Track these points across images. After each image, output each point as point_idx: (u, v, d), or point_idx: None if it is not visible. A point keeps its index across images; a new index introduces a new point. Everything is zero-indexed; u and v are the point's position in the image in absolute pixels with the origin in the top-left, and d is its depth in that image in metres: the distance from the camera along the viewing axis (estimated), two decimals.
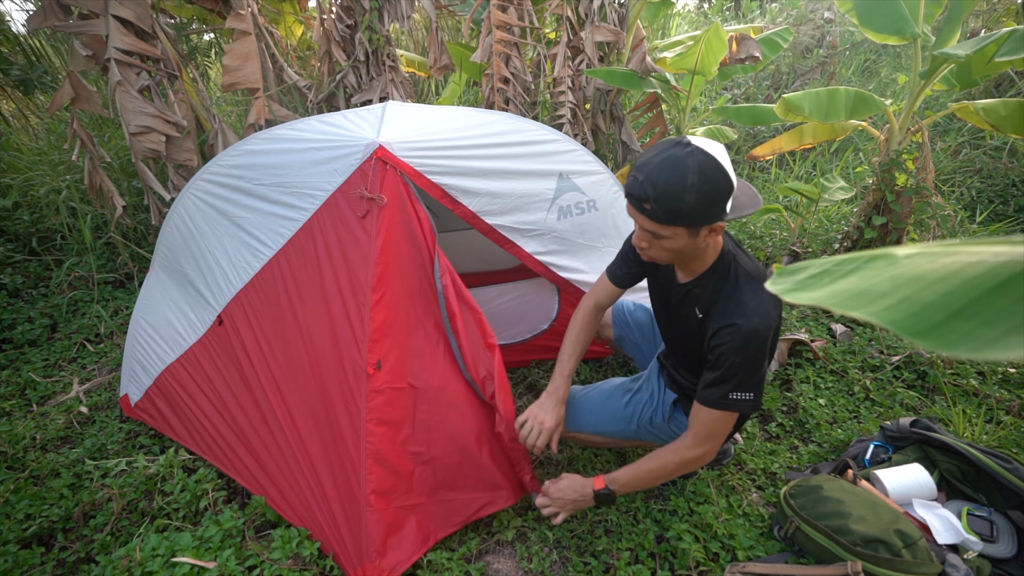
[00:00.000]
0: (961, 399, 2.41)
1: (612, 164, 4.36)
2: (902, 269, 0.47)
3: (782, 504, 1.78)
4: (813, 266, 0.51)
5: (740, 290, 1.40)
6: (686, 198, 1.25)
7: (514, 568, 1.77)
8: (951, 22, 2.86)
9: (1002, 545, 1.67)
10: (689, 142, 1.27)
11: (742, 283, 1.41)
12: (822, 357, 2.69)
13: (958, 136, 4.99)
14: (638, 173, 1.30)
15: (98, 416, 2.43)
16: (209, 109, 3.25)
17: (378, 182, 1.68)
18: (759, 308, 1.35)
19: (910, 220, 3.35)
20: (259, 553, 1.67)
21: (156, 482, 1.98)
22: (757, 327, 1.33)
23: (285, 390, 1.80)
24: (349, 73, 3.52)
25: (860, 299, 0.44)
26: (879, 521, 1.62)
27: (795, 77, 6.26)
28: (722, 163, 1.26)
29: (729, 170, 1.28)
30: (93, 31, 2.66)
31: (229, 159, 2.06)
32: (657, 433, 1.82)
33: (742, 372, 1.36)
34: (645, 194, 1.28)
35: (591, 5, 3.64)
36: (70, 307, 3.25)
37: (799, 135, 3.77)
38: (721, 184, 1.26)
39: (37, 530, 1.83)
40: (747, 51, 3.67)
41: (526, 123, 2.10)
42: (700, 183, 1.24)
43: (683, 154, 1.25)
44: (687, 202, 1.25)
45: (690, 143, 1.27)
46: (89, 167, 2.95)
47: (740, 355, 1.35)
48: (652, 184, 1.27)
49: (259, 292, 1.89)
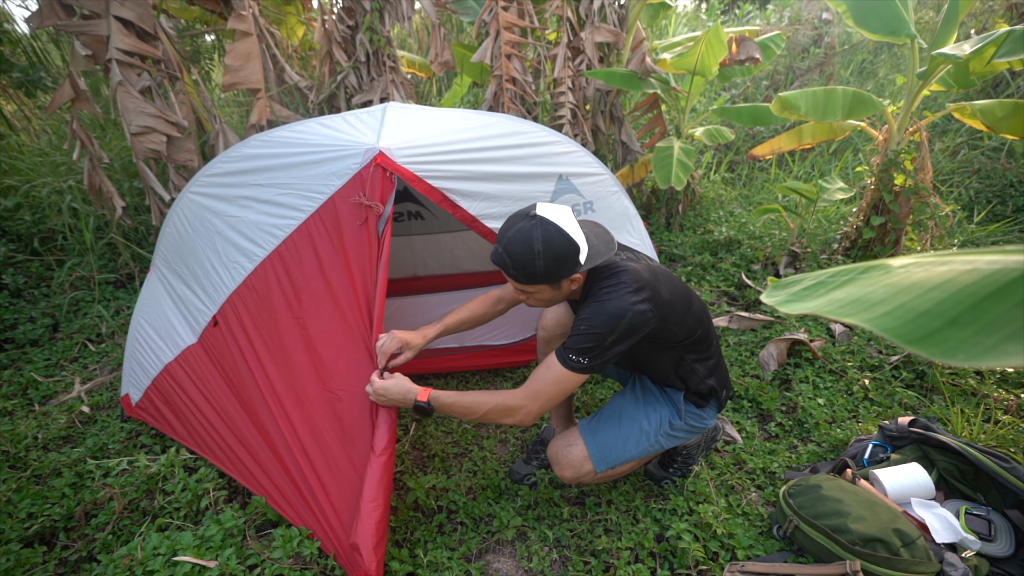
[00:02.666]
0: (959, 399, 2.42)
1: (612, 165, 4.37)
2: (897, 278, 0.47)
3: (781, 503, 1.79)
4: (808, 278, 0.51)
5: (601, 289, 1.58)
6: (537, 264, 1.47)
7: (514, 567, 1.78)
8: (948, 23, 2.87)
9: (1000, 544, 1.69)
10: (535, 214, 1.48)
11: (604, 285, 1.58)
12: (821, 357, 2.70)
13: (956, 136, 5.00)
14: (498, 245, 1.53)
15: (99, 416, 2.43)
16: (210, 110, 3.26)
17: (377, 189, 1.68)
18: (611, 296, 1.53)
19: (908, 220, 3.36)
20: (260, 552, 1.68)
21: (157, 481, 1.99)
22: (607, 306, 1.51)
23: (281, 389, 1.80)
24: (350, 74, 3.53)
25: (856, 307, 0.44)
26: (878, 520, 1.63)
27: (794, 78, 6.27)
28: (564, 229, 1.47)
29: (572, 233, 1.48)
30: (94, 31, 2.66)
31: (228, 160, 2.07)
32: (675, 435, 1.81)
33: (584, 340, 1.52)
34: (505, 264, 1.52)
35: (591, 6, 3.65)
36: (72, 307, 3.26)
37: (798, 135, 3.78)
38: (565, 248, 1.47)
39: (39, 529, 1.84)
40: (746, 52, 3.68)
41: (526, 125, 2.10)
42: (546, 251, 1.46)
43: (529, 227, 1.47)
44: (539, 267, 1.48)
45: (535, 215, 1.48)
46: (89, 168, 2.95)
47: (584, 324, 1.53)
48: (509, 256, 1.50)
49: (252, 293, 1.90)
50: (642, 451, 1.79)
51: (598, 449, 1.76)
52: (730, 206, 4.66)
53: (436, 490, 2.04)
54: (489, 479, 2.09)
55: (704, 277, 3.59)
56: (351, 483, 1.63)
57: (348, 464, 1.65)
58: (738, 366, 2.72)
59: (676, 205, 4.39)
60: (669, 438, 1.81)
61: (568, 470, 1.77)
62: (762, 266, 3.68)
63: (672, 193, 4.30)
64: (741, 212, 4.49)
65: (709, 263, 3.71)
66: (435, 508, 1.97)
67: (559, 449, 1.80)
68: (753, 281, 3.43)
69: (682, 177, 3.35)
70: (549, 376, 1.56)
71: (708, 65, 3.47)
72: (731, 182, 5.34)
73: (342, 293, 1.71)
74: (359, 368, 1.67)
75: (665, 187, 3.35)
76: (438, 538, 1.85)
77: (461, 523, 1.93)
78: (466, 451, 2.28)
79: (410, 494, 1.92)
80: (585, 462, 1.75)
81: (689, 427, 1.81)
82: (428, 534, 1.86)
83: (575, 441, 1.79)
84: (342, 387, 1.70)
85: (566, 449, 1.78)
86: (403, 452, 2.24)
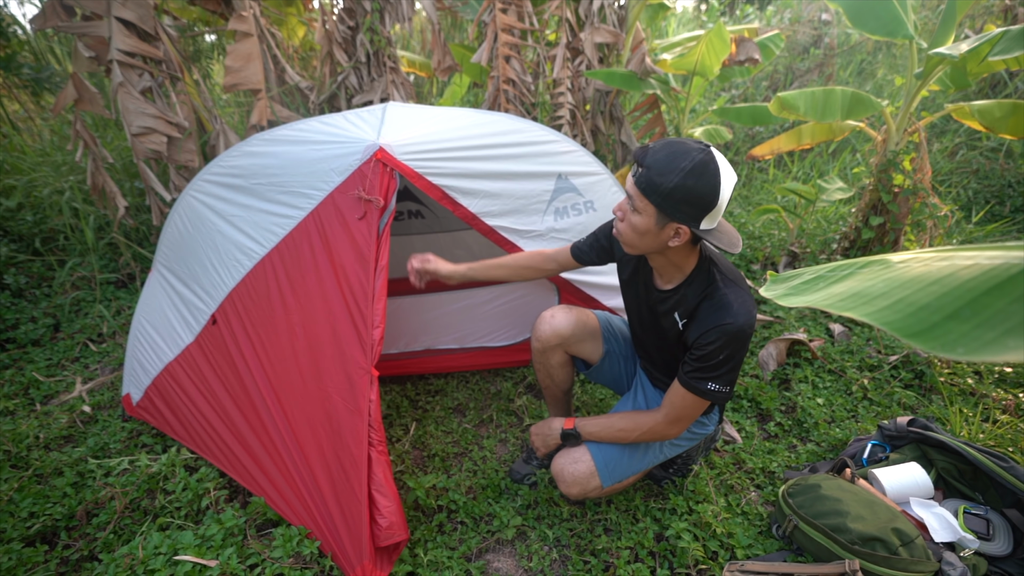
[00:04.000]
0: (958, 398, 2.42)
1: (612, 165, 4.37)
2: (897, 272, 0.47)
3: (780, 502, 1.79)
4: (808, 272, 0.52)
5: (724, 294, 1.45)
6: (670, 178, 1.29)
7: (514, 566, 1.78)
8: (946, 23, 2.88)
9: (998, 543, 1.69)
10: (711, 149, 1.32)
11: (724, 287, 1.46)
12: (820, 357, 2.71)
13: (955, 137, 5.01)
14: (655, 143, 1.36)
15: (101, 415, 2.44)
16: (211, 110, 3.26)
17: (377, 184, 1.68)
18: (742, 308, 1.42)
19: (907, 220, 3.37)
20: (260, 552, 1.68)
21: (158, 481, 1.99)
22: (743, 326, 1.40)
23: (279, 389, 1.80)
24: (350, 74, 3.54)
25: (856, 300, 0.45)
26: (876, 520, 1.63)
27: (793, 78, 6.28)
28: (720, 178, 1.30)
29: (721, 187, 1.30)
30: (96, 32, 2.67)
31: (228, 159, 2.07)
32: (679, 443, 1.81)
33: (725, 367, 1.44)
34: (644, 157, 1.35)
35: (591, 6, 3.66)
36: (73, 307, 3.26)
37: (797, 135, 3.79)
38: (705, 187, 1.29)
39: (40, 528, 1.84)
40: (746, 53, 3.69)
41: (526, 124, 2.10)
42: (688, 174, 1.28)
43: (696, 148, 1.31)
44: (669, 182, 1.29)
45: (711, 149, 1.32)
46: (92, 168, 2.96)
47: (726, 352, 1.42)
48: (655, 152, 1.33)
49: (251, 291, 1.90)
50: (648, 462, 1.78)
51: (605, 464, 1.71)
52: (729, 206, 4.67)
53: (436, 490, 2.04)
54: (489, 479, 2.10)
55: None
56: (352, 483, 1.63)
57: (350, 464, 1.64)
58: None
59: None
60: (673, 447, 1.81)
61: (575, 487, 1.72)
62: (761, 266, 3.68)
63: None
64: (740, 212, 4.50)
65: None
66: (435, 508, 1.97)
67: (564, 466, 1.73)
68: (752, 281, 3.43)
69: None
70: (689, 403, 1.53)
71: (710, 65, 3.48)
72: None
73: (337, 290, 1.71)
74: (350, 367, 1.66)
75: None
76: (438, 537, 1.85)
77: (461, 523, 1.93)
78: (466, 451, 2.29)
79: (410, 494, 1.92)
80: (592, 478, 1.71)
81: (692, 434, 1.81)
82: (428, 533, 1.86)
83: (581, 457, 1.72)
84: (332, 386, 1.69)
85: (572, 466, 1.72)
86: (403, 452, 2.24)
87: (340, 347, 1.68)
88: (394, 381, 2.69)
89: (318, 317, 1.74)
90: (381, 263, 1.66)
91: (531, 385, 2.68)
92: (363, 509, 1.58)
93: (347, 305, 1.68)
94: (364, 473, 1.59)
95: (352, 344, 1.66)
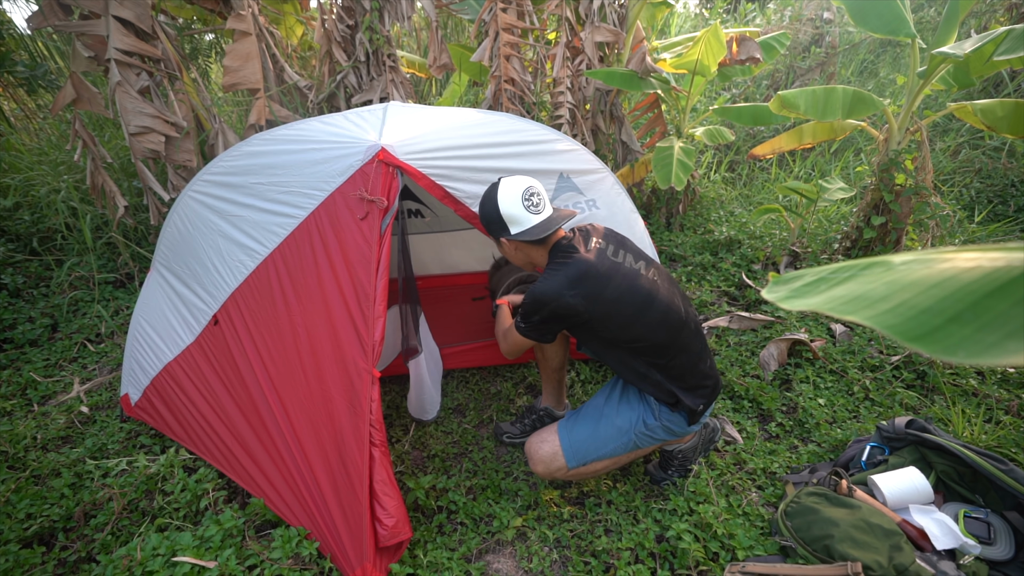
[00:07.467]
0: (960, 399, 2.41)
1: (612, 164, 4.36)
2: (898, 275, 0.46)
3: (779, 522, 1.78)
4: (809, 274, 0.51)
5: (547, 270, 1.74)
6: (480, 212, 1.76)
7: (514, 567, 1.78)
8: (949, 22, 2.86)
9: (1000, 547, 1.67)
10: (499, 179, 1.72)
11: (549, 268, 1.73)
12: (822, 357, 2.70)
13: (957, 136, 4.99)
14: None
15: (99, 416, 2.43)
16: (209, 109, 3.25)
17: (380, 184, 1.68)
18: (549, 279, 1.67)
19: (909, 220, 3.36)
20: (259, 553, 1.67)
21: (157, 482, 1.99)
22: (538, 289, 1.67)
23: (280, 389, 1.79)
24: (349, 73, 3.53)
25: (857, 303, 0.44)
26: (873, 546, 1.61)
27: (794, 77, 6.26)
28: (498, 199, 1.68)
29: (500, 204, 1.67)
30: (93, 31, 2.66)
31: (228, 160, 2.06)
32: (651, 435, 1.83)
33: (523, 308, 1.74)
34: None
35: (591, 6, 3.64)
36: (71, 307, 3.26)
37: (799, 135, 3.78)
38: (490, 210, 1.70)
39: (38, 529, 1.84)
40: (747, 52, 3.68)
41: (527, 123, 2.10)
42: (480, 206, 1.74)
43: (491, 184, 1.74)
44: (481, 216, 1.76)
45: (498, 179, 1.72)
46: (91, 167, 2.95)
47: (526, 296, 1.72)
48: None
49: (254, 291, 1.89)
50: (616, 449, 1.83)
51: (571, 445, 1.82)
52: (730, 206, 4.66)
53: (436, 490, 2.03)
54: (489, 479, 2.09)
55: (704, 277, 3.59)
56: (352, 484, 1.62)
57: (352, 465, 1.64)
58: (738, 366, 2.72)
59: (676, 205, 4.39)
60: (645, 437, 1.83)
61: (540, 465, 1.85)
62: (763, 266, 3.67)
63: (672, 193, 4.30)
64: (741, 212, 4.49)
65: (709, 263, 3.70)
66: (435, 508, 1.96)
67: (532, 444, 1.88)
68: (753, 281, 3.42)
69: (682, 177, 3.35)
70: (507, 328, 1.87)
71: (707, 65, 3.46)
72: (731, 182, 5.33)
73: (338, 290, 1.70)
74: (351, 367, 1.66)
75: (665, 187, 3.35)
76: (438, 538, 1.84)
77: (461, 523, 1.92)
78: (466, 451, 2.28)
79: (410, 494, 1.91)
80: (556, 458, 1.82)
81: (666, 428, 1.82)
82: (428, 534, 1.85)
83: (548, 438, 1.87)
84: (333, 386, 1.69)
85: (539, 445, 1.86)
86: (403, 452, 2.24)
87: (341, 347, 1.68)
88: (394, 381, 2.68)
89: (320, 317, 1.73)
90: (383, 264, 1.66)
91: (531, 385, 2.67)
92: (364, 510, 1.58)
93: (348, 305, 1.68)
94: (366, 474, 1.58)
95: (353, 344, 1.66)
